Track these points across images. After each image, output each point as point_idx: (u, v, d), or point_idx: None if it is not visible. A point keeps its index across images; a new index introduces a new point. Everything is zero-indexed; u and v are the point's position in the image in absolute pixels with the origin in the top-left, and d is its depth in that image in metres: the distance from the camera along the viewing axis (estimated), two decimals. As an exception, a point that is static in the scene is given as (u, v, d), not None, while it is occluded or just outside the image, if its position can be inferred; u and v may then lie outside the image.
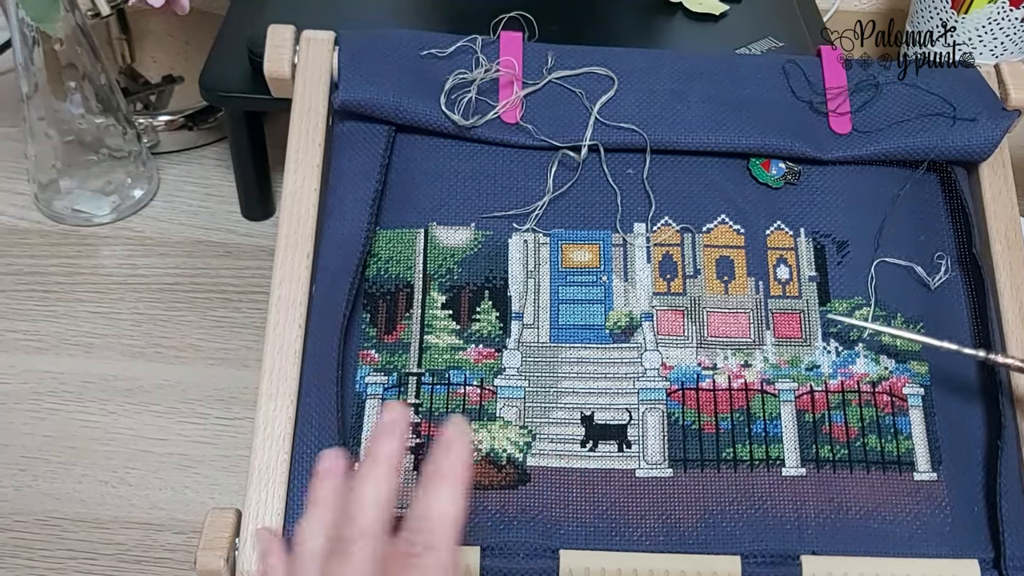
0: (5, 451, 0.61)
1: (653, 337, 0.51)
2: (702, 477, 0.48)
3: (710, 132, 0.54)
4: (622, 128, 0.54)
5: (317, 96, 0.53)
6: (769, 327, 0.51)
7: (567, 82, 0.55)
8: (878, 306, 0.52)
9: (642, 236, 0.53)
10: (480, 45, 0.55)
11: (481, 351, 0.50)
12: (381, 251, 0.52)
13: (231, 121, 0.70)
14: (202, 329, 0.68)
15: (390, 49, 0.54)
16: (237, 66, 0.68)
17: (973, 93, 0.55)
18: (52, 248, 0.73)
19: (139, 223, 0.75)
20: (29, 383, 0.64)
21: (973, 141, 0.54)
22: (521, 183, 0.54)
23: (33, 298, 0.69)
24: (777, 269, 0.53)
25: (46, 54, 0.66)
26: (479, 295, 0.51)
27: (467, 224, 0.53)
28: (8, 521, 0.58)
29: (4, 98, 0.82)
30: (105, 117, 0.71)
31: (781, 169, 0.55)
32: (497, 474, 0.48)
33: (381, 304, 0.51)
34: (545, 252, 0.53)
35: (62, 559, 0.56)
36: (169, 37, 0.86)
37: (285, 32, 0.54)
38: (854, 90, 0.56)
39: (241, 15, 0.73)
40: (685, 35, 0.75)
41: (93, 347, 0.67)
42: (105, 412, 0.63)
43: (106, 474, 0.60)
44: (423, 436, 0.48)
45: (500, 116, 0.54)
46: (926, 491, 0.48)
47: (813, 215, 0.54)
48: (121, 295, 0.70)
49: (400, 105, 0.52)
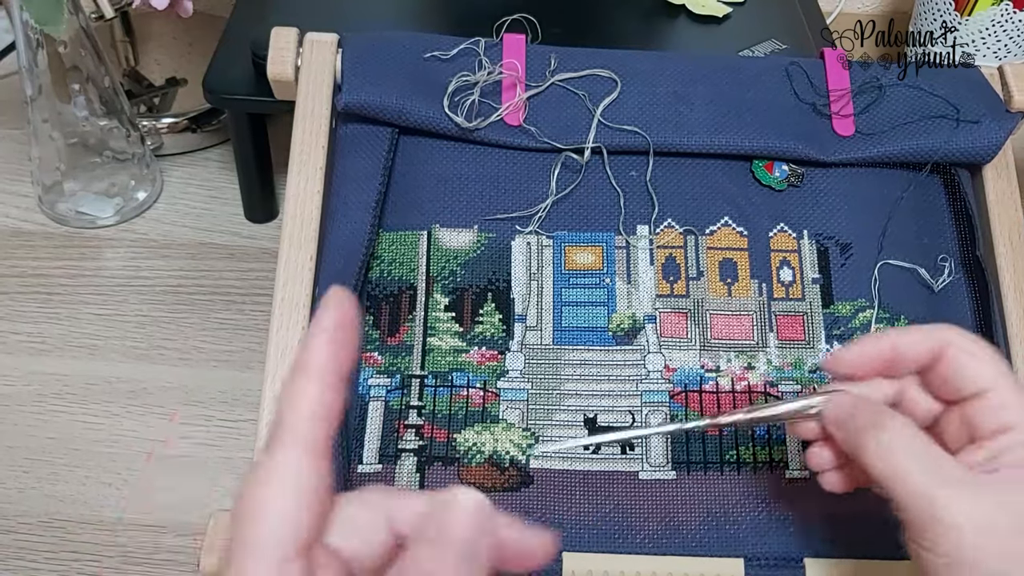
0: (8, 453, 0.61)
1: (656, 339, 0.51)
2: (705, 479, 0.48)
3: (713, 134, 0.54)
4: (625, 130, 0.54)
5: (320, 98, 0.54)
6: (772, 329, 0.51)
7: (570, 84, 0.55)
8: (881, 308, 0.52)
9: (645, 238, 0.53)
10: (483, 47, 0.55)
11: (484, 353, 0.50)
12: (384, 253, 0.52)
13: (234, 123, 0.70)
14: (205, 331, 0.68)
15: (393, 51, 0.54)
16: (240, 68, 0.68)
17: (976, 95, 0.55)
18: (56, 250, 0.73)
19: (143, 225, 0.75)
20: (33, 385, 0.65)
21: (977, 143, 0.54)
22: (524, 185, 0.54)
23: (37, 300, 0.69)
24: (780, 271, 0.53)
25: (50, 57, 0.66)
26: (482, 297, 0.51)
27: (470, 226, 0.53)
28: (11, 523, 0.58)
29: (8, 100, 0.82)
30: (109, 119, 0.71)
31: (784, 171, 0.55)
32: (500, 476, 0.48)
33: (384, 306, 0.51)
34: (548, 254, 0.53)
35: (65, 561, 0.56)
36: (173, 40, 0.86)
37: (288, 34, 0.54)
38: (857, 92, 0.56)
39: (244, 18, 0.73)
40: (688, 37, 0.75)
41: (97, 349, 0.67)
42: (108, 414, 0.63)
43: (109, 476, 0.60)
44: (426, 438, 0.48)
45: (503, 118, 0.54)
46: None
47: (816, 217, 0.54)
48: (125, 297, 0.70)
49: (403, 107, 0.53)
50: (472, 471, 0.47)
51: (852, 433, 0.37)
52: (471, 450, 0.48)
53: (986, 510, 0.33)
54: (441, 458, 0.48)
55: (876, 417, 0.37)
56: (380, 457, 0.48)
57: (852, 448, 0.37)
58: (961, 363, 0.37)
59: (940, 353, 0.38)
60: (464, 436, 0.48)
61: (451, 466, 0.48)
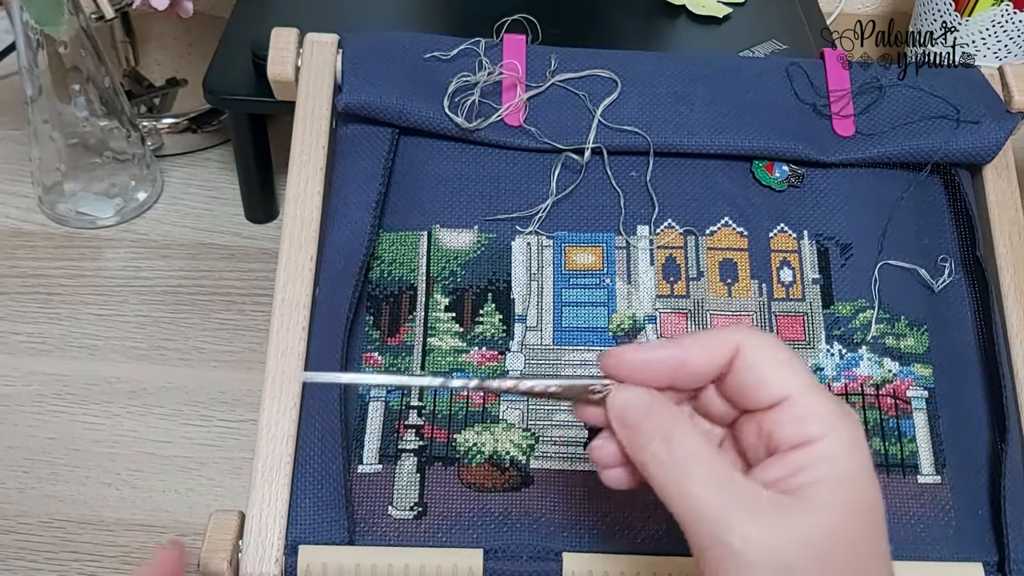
0: (9, 453, 0.61)
1: (656, 340, 0.51)
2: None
3: (713, 135, 0.54)
4: (625, 131, 0.54)
5: (320, 99, 0.54)
6: (772, 330, 0.51)
7: (570, 85, 0.55)
8: (881, 308, 0.52)
9: (645, 239, 0.53)
10: (483, 48, 0.55)
11: (484, 353, 0.50)
12: (384, 253, 0.52)
13: (235, 124, 0.70)
14: (206, 331, 0.68)
15: (393, 52, 0.54)
16: (241, 69, 0.68)
17: (976, 95, 0.55)
18: (56, 251, 0.73)
19: (143, 226, 0.75)
20: (33, 385, 0.65)
21: (977, 143, 0.54)
22: (524, 186, 0.54)
23: (37, 300, 0.70)
24: (780, 272, 0.53)
25: (50, 57, 0.66)
26: (482, 297, 0.51)
27: (470, 226, 0.53)
28: (11, 523, 0.58)
29: (8, 101, 0.82)
30: (109, 120, 0.71)
31: (784, 172, 0.55)
32: (500, 477, 0.48)
33: (384, 306, 0.51)
34: (548, 254, 0.53)
35: (65, 561, 0.56)
36: (173, 40, 0.86)
37: (289, 35, 0.54)
38: (857, 93, 0.56)
39: (245, 18, 0.73)
40: (688, 38, 0.75)
41: (97, 349, 0.67)
42: (109, 415, 0.63)
43: (109, 476, 0.60)
44: (426, 439, 0.48)
45: (503, 119, 0.54)
46: (930, 494, 0.48)
47: (816, 218, 0.54)
48: (125, 298, 0.70)
49: (403, 108, 0.53)
50: (472, 471, 0.48)
51: (638, 437, 0.34)
52: (471, 450, 0.48)
53: (774, 535, 0.31)
54: (441, 458, 0.48)
55: (667, 425, 0.33)
56: (380, 457, 0.48)
57: (635, 454, 0.34)
58: (755, 370, 0.34)
59: (733, 359, 0.34)
60: (464, 436, 0.48)
61: (451, 466, 0.48)
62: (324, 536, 0.45)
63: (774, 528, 0.31)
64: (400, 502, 0.47)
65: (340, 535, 0.45)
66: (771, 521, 0.31)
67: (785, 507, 0.31)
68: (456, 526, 0.46)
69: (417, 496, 0.47)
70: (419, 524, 0.46)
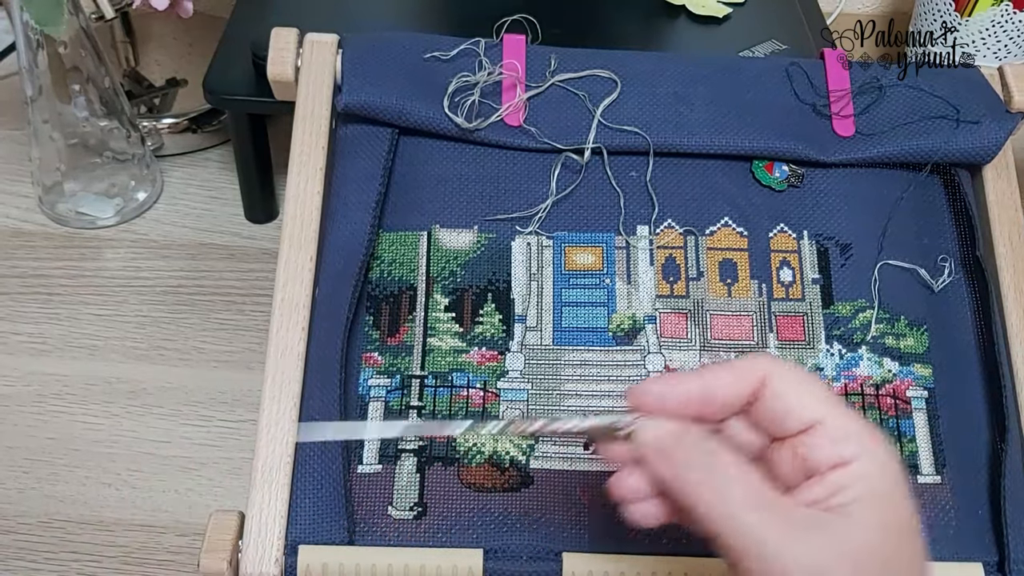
0: (8, 453, 0.61)
1: (656, 340, 0.51)
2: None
3: (713, 135, 0.54)
4: (625, 131, 0.54)
5: (320, 99, 0.54)
6: (772, 330, 0.51)
7: (570, 85, 0.55)
8: (881, 308, 0.52)
9: (645, 239, 0.53)
10: (483, 48, 0.55)
11: (484, 354, 0.50)
12: (384, 254, 0.52)
13: (234, 124, 0.70)
14: (205, 332, 0.68)
15: (393, 52, 0.54)
16: (241, 69, 0.68)
17: (976, 95, 0.55)
18: (56, 251, 0.73)
19: (143, 226, 0.75)
20: (32, 385, 0.65)
21: (977, 143, 0.54)
22: (524, 186, 0.54)
23: (37, 300, 0.70)
24: (780, 272, 0.53)
25: (50, 57, 0.66)
26: (482, 298, 0.51)
27: (470, 227, 0.53)
28: (11, 523, 0.58)
29: (8, 101, 0.82)
30: (109, 120, 0.71)
31: (784, 172, 0.55)
32: (500, 477, 0.48)
33: (384, 307, 0.51)
34: (548, 255, 0.53)
35: (65, 561, 0.56)
36: (173, 40, 0.86)
37: (288, 35, 0.54)
38: (857, 93, 0.56)
39: (245, 18, 0.73)
40: (688, 38, 0.75)
41: (96, 350, 0.67)
42: (108, 415, 0.63)
43: (109, 476, 0.60)
44: (426, 439, 0.48)
45: (503, 119, 0.54)
46: (930, 494, 0.48)
47: (816, 218, 0.54)
48: (125, 298, 0.70)
49: (403, 108, 0.53)
50: (472, 471, 0.48)
51: (676, 466, 0.34)
52: (471, 450, 0.48)
53: (817, 553, 0.31)
54: (441, 458, 0.48)
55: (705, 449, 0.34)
56: (380, 457, 0.48)
57: (673, 482, 0.34)
58: (783, 399, 0.34)
59: (759, 389, 0.35)
60: (464, 436, 0.48)
61: (451, 466, 0.48)
62: (324, 536, 0.45)
63: (816, 545, 0.32)
64: (400, 502, 0.47)
65: (340, 535, 0.45)
66: (813, 538, 0.32)
67: (827, 525, 0.32)
68: (456, 526, 0.46)
69: (417, 496, 0.47)
70: (419, 524, 0.46)
